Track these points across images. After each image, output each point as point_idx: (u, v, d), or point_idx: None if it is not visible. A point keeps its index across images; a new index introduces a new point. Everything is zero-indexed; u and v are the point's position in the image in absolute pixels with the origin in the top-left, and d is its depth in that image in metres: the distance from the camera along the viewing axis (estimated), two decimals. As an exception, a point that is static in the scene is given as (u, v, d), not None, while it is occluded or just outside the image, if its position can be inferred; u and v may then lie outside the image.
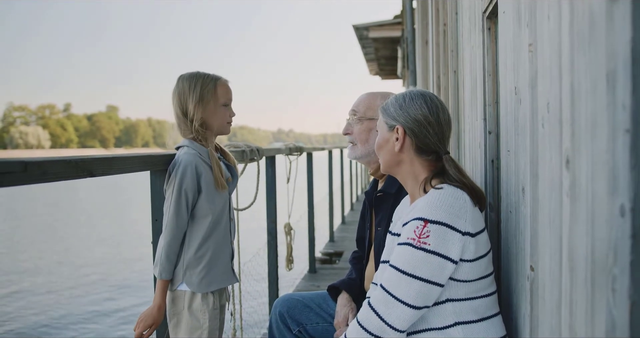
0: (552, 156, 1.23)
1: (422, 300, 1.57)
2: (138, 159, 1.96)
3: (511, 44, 1.67)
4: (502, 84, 1.88)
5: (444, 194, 1.63)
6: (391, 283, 1.59)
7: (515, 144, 1.65)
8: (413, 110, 1.73)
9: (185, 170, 2.18)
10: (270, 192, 4.25)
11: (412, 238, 1.58)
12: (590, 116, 0.96)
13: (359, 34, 12.54)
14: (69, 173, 1.42)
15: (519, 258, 1.63)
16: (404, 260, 1.58)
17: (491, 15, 2.17)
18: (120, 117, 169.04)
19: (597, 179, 0.93)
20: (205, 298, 2.25)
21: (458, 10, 3.33)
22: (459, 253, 1.57)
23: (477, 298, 1.64)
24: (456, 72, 3.49)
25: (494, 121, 2.21)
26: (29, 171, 1.22)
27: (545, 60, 1.27)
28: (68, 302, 8.79)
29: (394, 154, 1.76)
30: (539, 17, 1.32)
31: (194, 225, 2.25)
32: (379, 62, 16.52)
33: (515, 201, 1.67)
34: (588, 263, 0.99)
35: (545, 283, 1.31)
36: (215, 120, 2.31)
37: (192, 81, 2.28)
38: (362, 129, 2.25)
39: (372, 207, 2.28)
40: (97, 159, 1.60)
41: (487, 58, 2.23)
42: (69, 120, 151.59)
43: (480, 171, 2.36)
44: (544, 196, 1.31)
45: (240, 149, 3.02)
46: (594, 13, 0.93)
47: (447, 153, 1.76)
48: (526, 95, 1.47)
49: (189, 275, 2.23)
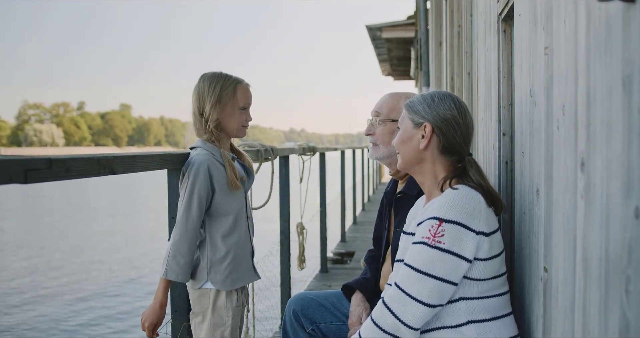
0: (566, 158, 1.24)
1: (437, 298, 1.59)
2: (157, 157, 2.00)
3: (527, 46, 1.68)
4: (517, 86, 1.89)
5: (459, 194, 1.64)
6: (406, 282, 1.61)
7: (529, 146, 1.67)
8: (442, 110, 1.75)
9: (198, 170, 2.20)
10: (284, 192, 4.28)
11: (427, 237, 1.60)
12: (606, 119, 0.98)
13: (372, 34, 12.54)
14: (91, 170, 1.46)
15: (532, 259, 1.65)
16: (419, 259, 1.60)
17: (507, 18, 2.18)
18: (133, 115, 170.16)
19: (611, 181, 0.95)
20: (229, 295, 2.28)
21: (473, 12, 3.34)
22: (473, 252, 1.59)
23: (490, 297, 1.66)
24: (470, 74, 3.50)
25: (508, 123, 2.22)
26: (53, 168, 1.26)
27: (561, 63, 1.28)
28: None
29: (418, 152, 1.77)
30: (555, 21, 1.34)
31: (214, 224, 2.28)
32: (392, 62, 16.51)
33: (529, 203, 1.69)
34: (602, 264, 1.00)
35: (559, 284, 1.32)
36: (231, 123, 2.32)
37: (213, 81, 2.29)
38: (385, 131, 2.26)
39: (391, 208, 2.29)
40: (118, 157, 1.64)
41: (502, 60, 2.24)
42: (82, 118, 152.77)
43: (494, 173, 2.37)
44: (558, 197, 1.33)
45: (255, 149, 3.05)
46: (610, 18, 0.95)
47: (470, 155, 1.79)
48: (541, 98, 1.48)
49: (214, 273, 2.26)
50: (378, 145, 2.28)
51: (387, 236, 2.31)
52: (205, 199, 2.23)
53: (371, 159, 2.41)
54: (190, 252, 2.21)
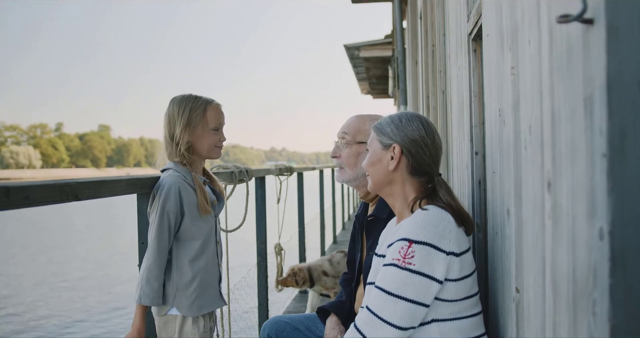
0: (534, 178, 1.24)
1: (408, 320, 1.56)
2: (124, 182, 1.96)
3: (495, 66, 1.69)
4: (487, 105, 1.90)
5: (428, 214, 1.64)
6: (377, 304, 1.59)
7: (500, 166, 1.67)
8: (410, 131, 1.75)
9: (169, 192, 2.17)
10: (260, 213, 4.24)
11: (397, 258, 1.58)
12: (570, 140, 0.97)
13: (350, 53, 12.63)
14: (53, 197, 1.41)
15: (505, 279, 1.63)
16: (390, 281, 1.58)
17: (476, 37, 2.20)
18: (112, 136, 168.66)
19: (577, 202, 0.94)
20: (196, 322, 2.23)
21: (446, 31, 3.38)
22: (444, 273, 1.58)
23: (463, 318, 1.64)
24: (444, 93, 3.52)
25: (480, 142, 2.22)
26: (11, 197, 1.21)
27: (526, 84, 1.29)
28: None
29: (387, 173, 1.77)
30: (520, 42, 1.34)
31: (181, 248, 2.24)
32: (370, 81, 16.62)
33: (500, 223, 1.68)
34: (570, 285, 0.99)
35: (530, 305, 1.31)
36: (203, 144, 2.30)
37: (182, 104, 2.27)
38: (350, 153, 2.24)
39: (363, 231, 2.27)
40: (82, 182, 1.59)
41: (473, 79, 2.25)
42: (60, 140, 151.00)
43: (467, 192, 2.37)
44: (527, 218, 1.32)
45: (229, 171, 3.02)
46: (571, 40, 0.95)
47: (439, 175, 1.78)
48: (510, 117, 1.48)
49: (179, 298, 2.21)
50: (344, 168, 2.26)
51: (360, 259, 2.29)
52: (174, 222, 2.19)
53: (338, 182, 2.39)
54: (162, 276, 2.18)
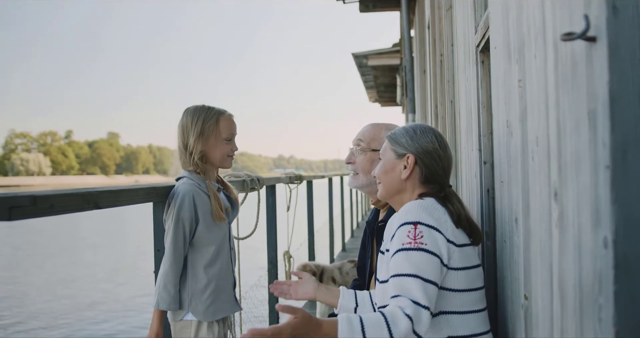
0: (541, 188, 1.27)
1: (430, 300, 1.56)
2: (142, 191, 2.01)
3: (502, 78, 1.73)
4: (495, 116, 1.94)
5: (424, 202, 1.70)
6: (409, 291, 1.56)
7: (508, 175, 1.70)
8: (425, 142, 1.82)
9: (183, 200, 2.23)
10: (271, 221, 4.28)
11: (407, 242, 1.61)
12: (575, 151, 1.01)
13: (358, 62, 12.70)
14: (76, 205, 1.47)
15: (513, 286, 1.67)
16: (406, 263, 1.59)
17: (484, 49, 2.24)
18: (121, 144, 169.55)
19: (582, 212, 0.98)
20: (210, 327, 2.28)
21: (454, 42, 3.42)
22: (447, 257, 1.62)
23: (469, 312, 1.67)
24: (453, 103, 3.56)
25: (488, 151, 2.26)
26: (38, 205, 1.27)
27: (533, 96, 1.33)
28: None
29: (399, 182, 1.82)
30: (527, 55, 1.38)
31: (196, 254, 2.29)
32: (378, 89, 16.68)
33: (509, 231, 1.71)
34: (577, 292, 1.03)
35: (539, 311, 1.34)
36: (216, 154, 2.35)
37: (195, 114, 2.33)
38: (365, 160, 2.29)
39: (374, 237, 2.31)
40: (103, 191, 1.65)
41: (482, 90, 2.29)
42: (70, 147, 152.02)
43: (476, 201, 2.40)
44: (535, 226, 1.36)
45: (241, 179, 3.07)
46: (576, 55, 0.99)
47: (450, 187, 1.83)
48: (517, 129, 1.52)
49: (195, 304, 2.26)
50: (358, 174, 2.32)
51: (370, 265, 2.32)
52: (189, 229, 2.24)
53: (350, 187, 2.44)
54: (178, 281, 2.23)
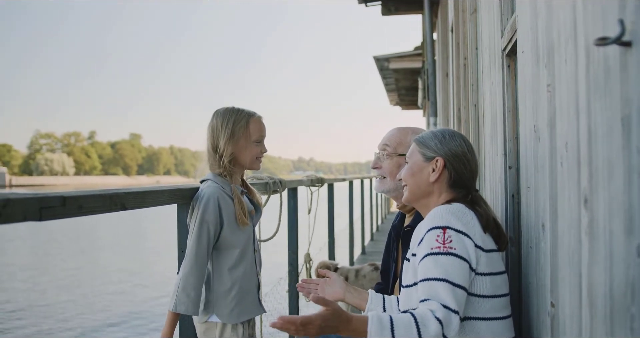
0: (570, 194, 1.26)
1: (459, 305, 1.55)
2: (167, 192, 2.03)
3: (530, 83, 1.71)
4: (521, 121, 1.92)
5: (452, 207, 1.69)
6: (438, 294, 1.55)
7: (535, 181, 1.68)
8: (454, 146, 1.82)
9: (208, 203, 2.23)
10: (292, 223, 4.29)
11: (436, 246, 1.60)
12: (607, 158, 1.00)
13: (379, 65, 12.68)
14: (103, 206, 1.49)
15: (539, 293, 1.65)
16: (436, 268, 1.58)
17: (511, 53, 2.22)
18: (143, 145, 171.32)
19: (614, 219, 0.96)
20: (235, 329, 2.28)
21: (478, 45, 3.40)
22: (475, 261, 1.62)
23: (494, 319, 1.66)
24: (476, 106, 3.53)
25: (514, 156, 2.24)
26: (67, 206, 1.28)
27: (563, 101, 1.31)
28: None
29: (427, 184, 1.81)
30: (556, 60, 1.37)
31: (221, 257, 2.30)
32: (400, 92, 16.64)
33: (535, 237, 1.70)
34: (607, 301, 1.01)
35: (566, 319, 1.33)
36: (246, 156, 2.36)
37: (226, 116, 2.34)
38: (392, 164, 2.29)
39: (399, 241, 2.30)
40: (129, 192, 1.67)
41: (507, 95, 2.27)
42: (93, 147, 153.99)
43: (501, 206, 2.38)
44: (563, 233, 1.34)
45: (264, 182, 3.08)
46: (609, 60, 0.98)
47: (477, 191, 1.82)
48: (545, 134, 1.50)
49: (219, 306, 2.27)
50: (385, 178, 2.31)
51: (394, 270, 2.32)
52: (214, 231, 2.24)
53: (377, 192, 2.44)
54: (200, 284, 2.22)
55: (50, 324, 9.09)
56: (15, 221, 1.11)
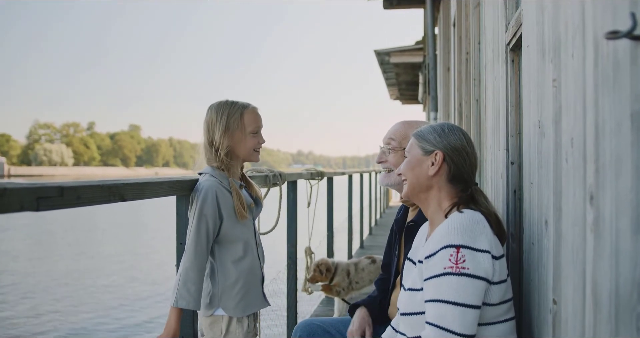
0: (575, 191, 1.24)
1: (473, 328, 1.56)
2: (166, 184, 2.01)
3: (535, 78, 1.69)
4: (525, 116, 1.90)
5: (465, 218, 1.67)
6: (443, 319, 1.56)
7: (538, 177, 1.67)
8: (453, 139, 1.80)
9: (206, 196, 2.22)
10: (291, 217, 4.28)
11: (449, 266, 1.59)
12: (615, 154, 0.98)
13: (380, 59, 12.65)
14: (102, 197, 1.47)
15: (541, 290, 1.63)
16: (450, 290, 1.57)
17: (515, 47, 2.20)
18: (142, 136, 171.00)
19: (621, 216, 0.95)
20: (240, 322, 2.29)
21: (481, 40, 3.37)
22: (491, 274, 1.60)
23: (500, 322, 1.66)
24: (478, 101, 3.51)
25: (516, 151, 2.22)
26: (65, 196, 1.27)
27: (569, 96, 1.29)
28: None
29: (427, 178, 1.79)
30: (563, 54, 1.35)
31: (224, 251, 2.29)
32: (400, 87, 16.61)
33: (537, 234, 1.68)
34: (612, 299, 0.99)
35: (569, 317, 1.31)
36: (243, 148, 2.34)
37: (220, 110, 2.32)
38: (398, 158, 2.27)
39: (402, 236, 2.29)
40: (128, 184, 1.65)
41: (511, 90, 2.25)
42: (92, 138, 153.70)
43: (502, 201, 2.36)
44: (567, 230, 1.32)
45: (264, 174, 3.07)
46: (619, 55, 0.96)
47: (476, 184, 1.81)
48: (550, 129, 1.49)
49: (225, 299, 2.26)
50: (392, 171, 2.30)
51: (397, 264, 2.31)
52: (213, 224, 2.23)
53: (382, 185, 2.42)
54: (200, 279, 2.20)
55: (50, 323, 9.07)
56: (11, 211, 1.09)
